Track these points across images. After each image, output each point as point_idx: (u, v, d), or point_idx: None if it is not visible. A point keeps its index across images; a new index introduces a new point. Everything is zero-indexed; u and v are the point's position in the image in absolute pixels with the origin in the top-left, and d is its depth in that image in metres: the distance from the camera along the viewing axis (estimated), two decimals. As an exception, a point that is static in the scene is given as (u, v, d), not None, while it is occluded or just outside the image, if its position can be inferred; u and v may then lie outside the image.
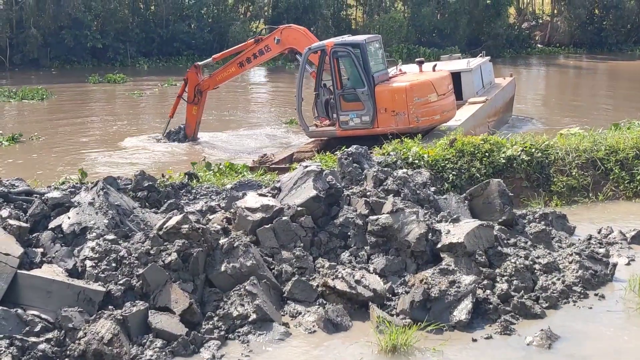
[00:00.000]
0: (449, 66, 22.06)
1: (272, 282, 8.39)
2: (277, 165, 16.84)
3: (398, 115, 17.15)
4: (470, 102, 20.45)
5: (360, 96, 17.14)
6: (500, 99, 22.70)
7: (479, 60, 23.67)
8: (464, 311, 7.90)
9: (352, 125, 17.27)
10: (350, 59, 17.18)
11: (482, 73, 23.00)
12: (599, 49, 49.33)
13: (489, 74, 23.86)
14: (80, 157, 20.07)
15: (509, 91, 24.27)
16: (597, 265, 9.19)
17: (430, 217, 9.56)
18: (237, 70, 21.29)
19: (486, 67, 23.80)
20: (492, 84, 23.75)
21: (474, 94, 21.36)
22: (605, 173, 13.24)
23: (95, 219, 9.02)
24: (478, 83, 22.28)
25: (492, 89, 23.04)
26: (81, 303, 7.61)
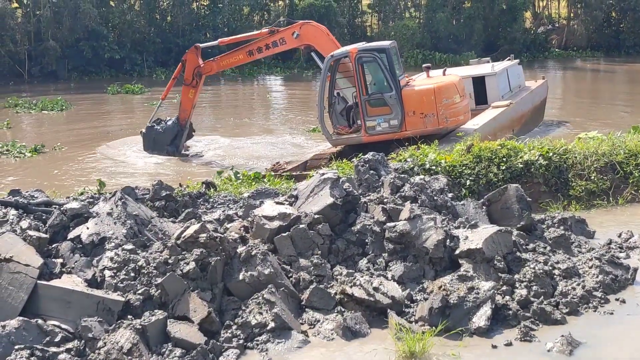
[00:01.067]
0: (473, 70, 22.19)
1: (290, 290, 8.39)
2: (289, 173, 16.89)
3: (427, 117, 17.40)
4: (494, 106, 20.24)
5: (388, 100, 17.29)
6: (529, 102, 22.35)
7: (506, 64, 23.31)
8: (483, 317, 7.85)
9: (380, 130, 17.39)
10: (377, 63, 17.35)
11: (509, 76, 22.64)
12: (616, 52, 48.98)
13: (517, 77, 23.44)
14: (101, 168, 20.18)
15: (539, 94, 23.81)
16: (618, 269, 9.11)
17: (448, 223, 9.53)
18: (245, 58, 20.54)
19: (514, 71, 23.40)
20: (521, 87, 23.33)
21: (499, 97, 21.06)
22: (624, 177, 13.13)
23: (113, 229, 9.07)
24: (504, 86, 21.96)
25: (521, 92, 22.66)
26: (100, 313, 7.65)
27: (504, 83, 22.07)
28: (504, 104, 20.15)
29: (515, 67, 23.72)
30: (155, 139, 20.85)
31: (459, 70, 23.62)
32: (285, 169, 17.73)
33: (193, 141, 22.29)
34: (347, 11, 46.69)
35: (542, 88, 24.31)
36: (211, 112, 30.48)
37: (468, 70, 22.94)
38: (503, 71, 22.27)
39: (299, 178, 17.10)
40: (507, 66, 22.89)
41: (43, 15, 38.40)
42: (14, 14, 39.81)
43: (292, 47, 20.27)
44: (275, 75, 40.47)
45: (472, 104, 20.81)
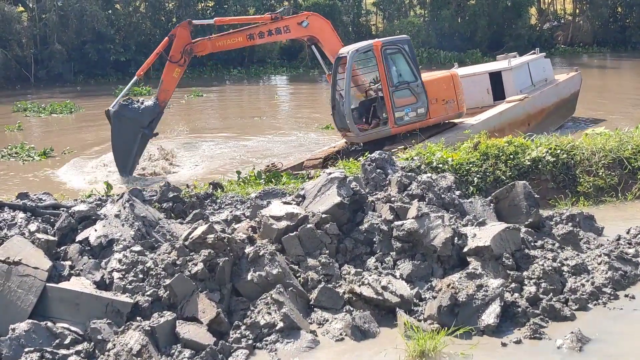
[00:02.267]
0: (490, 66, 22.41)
1: (299, 289, 8.39)
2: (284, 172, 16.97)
3: (448, 104, 18.21)
4: (507, 101, 20.28)
5: (414, 90, 17.76)
6: (553, 96, 22.23)
7: (526, 58, 23.15)
8: (492, 315, 7.83)
9: (408, 120, 17.79)
10: (401, 54, 17.78)
11: (531, 70, 22.48)
12: (622, 48, 48.84)
13: (542, 70, 23.21)
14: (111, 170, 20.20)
15: (567, 88, 23.56)
16: (627, 265, 9.08)
17: (456, 221, 9.51)
18: (245, 41, 19.48)
19: (538, 64, 23.20)
20: (548, 80, 23.16)
21: (517, 92, 21.02)
22: (632, 172, 13.09)
23: (121, 230, 9.08)
24: (523, 81, 21.84)
25: (545, 86, 22.52)
26: (109, 315, 7.67)
27: (523, 77, 21.93)
28: (517, 99, 20.16)
29: (540, 60, 23.51)
30: (130, 118, 18.26)
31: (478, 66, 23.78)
32: (280, 170, 17.80)
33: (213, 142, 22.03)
34: (351, 10, 46.65)
35: (572, 81, 24.06)
36: (224, 112, 30.46)
37: (486, 66, 23.12)
38: (522, 65, 22.13)
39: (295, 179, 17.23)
40: (528, 60, 22.72)
41: (49, 18, 38.47)
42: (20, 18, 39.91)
43: (296, 36, 19.45)
44: (281, 75, 40.47)
45: (490, 100, 20.93)
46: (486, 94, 21.33)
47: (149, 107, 18.49)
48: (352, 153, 17.91)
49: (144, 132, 18.31)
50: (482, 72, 21.72)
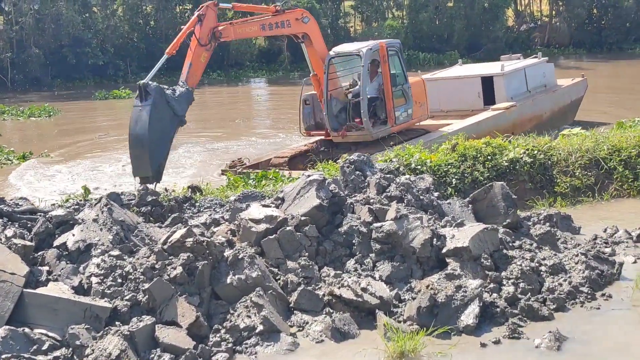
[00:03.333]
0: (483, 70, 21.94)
1: (278, 292, 8.38)
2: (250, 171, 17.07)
3: (422, 106, 18.59)
4: (493, 109, 19.86)
5: (406, 91, 18.06)
6: (547, 104, 21.75)
7: (524, 63, 22.65)
8: (471, 315, 7.88)
9: (402, 120, 18.02)
10: (397, 56, 18.01)
11: (528, 76, 21.91)
12: (598, 49, 49.30)
13: (541, 76, 22.57)
14: (89, 174, 20.08)
15: (567, 95, 23.04)
16: (604, 265, 9.17)
17: (435, 222, 9.55)
18: (259, 31, 18.44)
19: (538, 69, 22.59)
20: (547, 86, 22.58)
21: (507, 98, 20.58)
22: (608, 172, 13.23)
23: (99, 235, 9.03)
24: (516, 87, 21.35)
25: (541, 93, 22.00)
26: (88, 320, 7.61)
27: (517, 83, 21.44)
28: (503, 107, 19.80)
29: (540, 65, 22.91)
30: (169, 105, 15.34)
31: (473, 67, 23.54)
32: (245, 166, 17.89)
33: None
34: (329, 12, 46.72)
35: (575, 87, 23.46)
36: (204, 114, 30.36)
37: (481, 68, 22.75)
38: (516, 71, 21.64)
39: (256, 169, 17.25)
40: (524, 65, 22.20)
41: (25, 22, 38.18)
42: (-5, 22, 39.65)
43: (294, 32, 18.39)
44: (261, 78, 40.46)
45: (480, 104, 20.74)
46: (477, 98, 20.94)
47: (184, 93, 15.85)
48: (322, 154, 17.94)
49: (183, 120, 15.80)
50: (475, 75, 21.41)
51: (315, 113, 18.64)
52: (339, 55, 18.00)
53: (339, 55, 18.01)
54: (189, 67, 16.30)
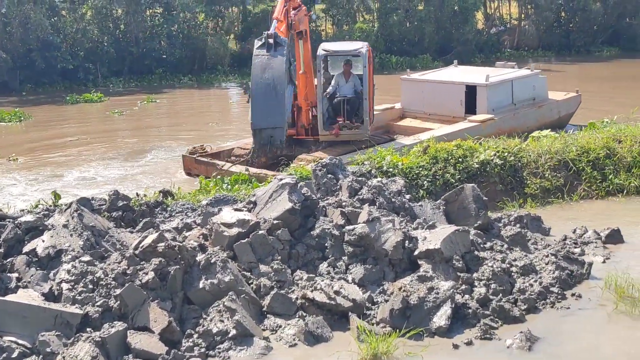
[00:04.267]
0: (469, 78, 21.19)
1: (251, 296, 8.37)
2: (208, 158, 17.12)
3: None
4: (470, 120, 19.37)
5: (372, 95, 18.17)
6: (530, 119, 20.83)
7: (513, 75, 21.68)
8: (444, 317, 7.93)
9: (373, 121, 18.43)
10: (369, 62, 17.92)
11: (515, 88, 21.09)
12: (567, 51, 49.79)
13: (530, 89, 21.59)
14: (58, 178, 19.85)
15: (555, 110, 22.05)
16: (573, 265, 9.29)
17: (406, 224, 9.60)
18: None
19: (526, 82, 21.60)
20: (535, 100, 21.73)
21: (489, 110, 19.96)
22: (577, 173, 13.39)
23: (70, 241, 8.95)
24: (501, 99, 20.62)
25: (526, 106, 21.23)
26: (58, 327, 7.54)
27: (501, 95, 20.72)
28: (479, 119, 19.28)
29: (531, 78, 21.94)
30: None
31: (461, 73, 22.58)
32: (206, 154, 17.88)
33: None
34: (301, 16, 46.76)
35: (566, 103, 22.56)
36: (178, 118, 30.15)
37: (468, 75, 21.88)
38: (502, 83, 20.90)
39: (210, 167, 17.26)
40: (513, 77, 21.41)
41: (-8, 26, 37.72)
42: (-39, 26, 39.07)
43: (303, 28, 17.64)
44: (234, 82, 40.30)
45: (462, 112, 20.21)
46: (459, 105, 20.28)
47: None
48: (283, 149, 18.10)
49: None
50: (459, 82, 20.81)
51: None
52: (332, 55, 17.90)
53: (333, 54, 17.89)
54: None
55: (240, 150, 18.27)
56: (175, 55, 41.16)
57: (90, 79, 39.00)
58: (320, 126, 17.57)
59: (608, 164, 13.48)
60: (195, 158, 18.02)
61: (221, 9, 45.24)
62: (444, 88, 20.77)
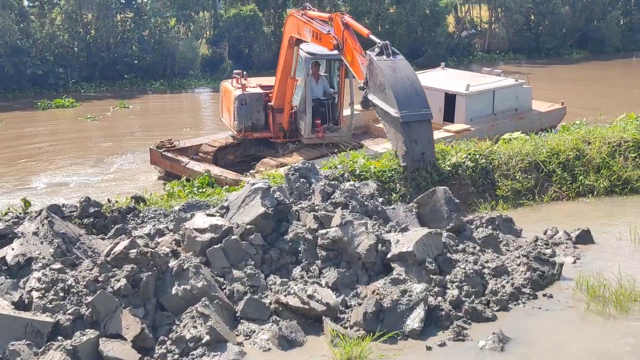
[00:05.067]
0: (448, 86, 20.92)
1: (225, 302, 8.33)
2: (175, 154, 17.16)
3: None
4: (445, 129, 19.23)
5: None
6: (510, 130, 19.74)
7: (496, 85, 21.39)
8: (417, 319, 7.96)
9: None
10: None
11: (497, 98, 20.88)
12: (537, 54, 50.33)
13: (513, 99, 21.37)
14: (28, 185, 19.65)
15: (537, 122, 21.61)
16: (545, 266, 9.38)
17: (379, 227, 9.62)
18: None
19: (509, 92, 21.37)
20: (517, 110, 21.42)
21: (467, 120, 19.95)
22: (548, 175, 13.52)
23: (40, 248, 8.85)
24: (481, 109, 20.51)
25: (507, 117, 20.99)
26: (29, 335, 7.44)
27: (481, 105, 20.57)
28: (454, 129, 19.17)
29: (515, 88, 21.72)
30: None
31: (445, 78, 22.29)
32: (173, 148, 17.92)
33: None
34: (272, 20, 46.68)
35: (549, 115, 22.30)
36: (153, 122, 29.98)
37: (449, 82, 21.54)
38: (483, 92, 20.74)
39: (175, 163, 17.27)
40: (495, 87, 21.15)
41: (-40, 32, 37.17)
42: None
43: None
44: (205, 87, 40.16)
45: (440, 119, 20.04)
46: (437, 112, 19.81)
47: None
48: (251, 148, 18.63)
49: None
50: (439, 89, 20.60)
51: (253, 114, 18.54)
52: (317, 58, 17.90)
53: (320, 58, 17.89)
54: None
55: (209, 147, 18.30)
56: (147, 60, 40.96)
57: (61, 84, 38.62)
58: (308, 130, 17.62)
59: (578, 166, 13.63)
60: (162, 153, 18.02)
61: (192, 14, 45.09)
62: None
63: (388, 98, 12.91)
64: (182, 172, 17.25)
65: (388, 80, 12.95)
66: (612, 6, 52.72)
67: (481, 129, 19.59)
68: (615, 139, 14.35)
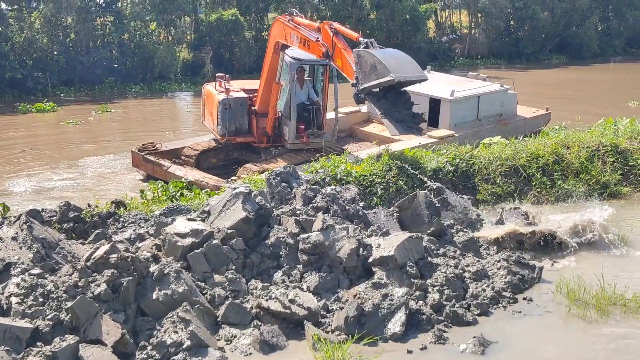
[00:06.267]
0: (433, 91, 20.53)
1: (206, 307, 8.31)
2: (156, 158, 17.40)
3: None
4: (429, 135, 18.90)
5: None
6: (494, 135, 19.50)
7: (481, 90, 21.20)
8: (398, 323, 7.99)
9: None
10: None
11: (481, 104, 20.74)
12: (517, 59, 50.70)
13: (498, 105, 21.19)
14: (6, 189, 19.45)
15: (523, 126, 21.34)
16: (524, 269, 9.45)
17: (361, 232, 9.65)
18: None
19: (494, 98, 21.16)
20: (502, 116, 21.25)
21: (452, 125, 19.74)
22: (527, 179, 13.61)
23: (19, 253, 8.78)
24: (466, 114, 20.32)
25: (491, 123, 20.77)
26: (8, 342, 7.37)
27: (466, 111, 20.40)
28: (437, 136, 18.92)
29: (500, 94, 21.46)
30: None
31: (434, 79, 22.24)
32: (155, 151, 17.85)
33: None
34: (253, 25, 46.68)
35: (534, 120, 22.18)
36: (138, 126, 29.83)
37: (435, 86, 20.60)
38: (467, 98, 20.55)
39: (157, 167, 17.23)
40: (479, 92, 21.03)
41: (-63, 35, 36.81)
42: None
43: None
44: (187, 91, 40.04)
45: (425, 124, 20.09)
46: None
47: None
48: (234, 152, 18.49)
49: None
50: (424, 94, 19.76)
51: (236, 118, 18.52)
52: (304, 64, 17.87)
53: (305, 63, 17.86)
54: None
55: (191, 151, 18.24)
56: (127, 64, 40.79)
57: (40, 88, 38.35)
58: (292, 135, 17.61)
59: (557, 170, 13.74)
60: (143, 156, 17.96)
61: (173, 18, 44.98)
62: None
63: (380, 72, 12.89)
64: (164, 176, 17.18)
65: (378, 56, 13.02)
66: (591, 12, 53.23)
67: (465, 134, 19.37)
68: (594, 143, 14.49)
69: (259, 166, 16.60)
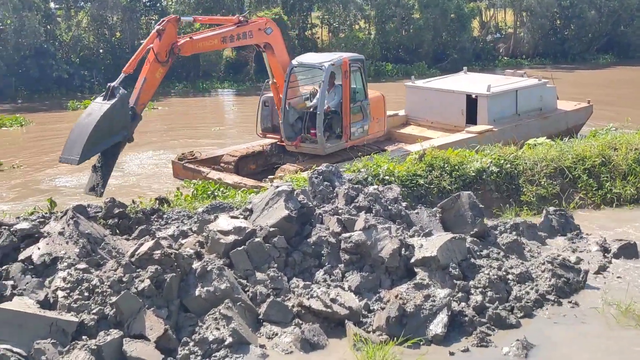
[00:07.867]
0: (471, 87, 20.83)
1: (247, 304, 8.34)
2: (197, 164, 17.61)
3: (379, 122, 18.52)
4: (467, 131, 19.01)
5: (364, 107, 18.04)
6: (534, 130, 19.85)
7: (518, 85, 21.15)
8: (440, 325, 7.92)
9: (357, 136, 17.98)
10: (360, 72, 17.89)
11: (519, 98, 20.64)
12: (562, 59, 49.97)
13: (537, 99, 21.12)
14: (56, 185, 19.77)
15: (563, 121, 21.38)
16: (570, 273, 9.29)
17: (403, 232, 9.59)
18: (219, 44, 17.79)
19: (532, 92, 21.13)
20: (542, 110, 21.13)
21: (490, 121, 19.68)
22: (573, 181, 13.40)
23: (65, 248, 8.92)
24: (504, 109, 20.27)
25: (533, 117, 20.74)
26: (54, 335, 7.50)
27: (504, 105, 20.33)
28: (476, 130, 18.93)
29: (539, 88, 21.42)
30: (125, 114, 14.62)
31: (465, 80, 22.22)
32: (195, 160, 18.00)
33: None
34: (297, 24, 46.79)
35: (575, 113, 21.93)
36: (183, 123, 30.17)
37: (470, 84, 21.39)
38: (505, 93, 20.48)
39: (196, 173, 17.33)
40: (517, 87, 20.88)
41: (-14, 34, 37.63)
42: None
43: (256, 42, 17.92)
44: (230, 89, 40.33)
45: (463, 121, 20.07)
46: (460, 115, 20.06)
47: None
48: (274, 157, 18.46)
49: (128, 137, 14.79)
50: (460, 91, 20.49)
51: (273, 116, 18.59)
52: (301, 66, 17.94)
53: (301, 65, 17.95)
54: (143, 82, 15.76)
55: (230, 157, 18.34)
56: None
57: (87, 86, 38.98)
58: (284, 136, 17.70)
59: (604, 172, 13.50)
60: (183, 165, 18.14)
61: (219, 16, 45.35)
62: (446, 96, 20.51)
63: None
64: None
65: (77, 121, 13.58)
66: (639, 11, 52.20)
67: (504, 129, 19.39)
68: (643, 145, 14.21)
69: (296, 167, 16.62)
